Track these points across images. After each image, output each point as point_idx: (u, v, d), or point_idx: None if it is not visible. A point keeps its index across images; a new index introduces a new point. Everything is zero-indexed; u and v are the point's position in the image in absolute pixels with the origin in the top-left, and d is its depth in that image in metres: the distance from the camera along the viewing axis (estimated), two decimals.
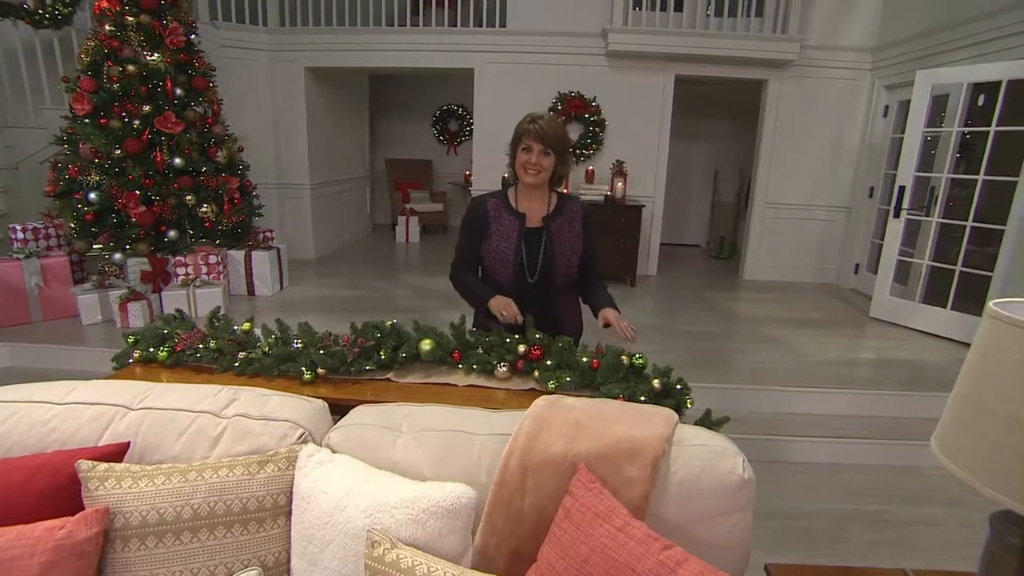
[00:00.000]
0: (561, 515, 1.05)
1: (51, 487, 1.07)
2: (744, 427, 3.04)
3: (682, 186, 7.58)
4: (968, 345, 3.13)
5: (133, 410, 1.29)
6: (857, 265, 5.40)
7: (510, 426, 1.23)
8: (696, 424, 1.51)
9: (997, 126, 3.65)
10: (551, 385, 1.56)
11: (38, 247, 3.85)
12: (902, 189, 4.19)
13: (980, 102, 3.77)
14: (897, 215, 4.25)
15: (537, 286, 1.83)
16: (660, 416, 1.24)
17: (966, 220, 3.85)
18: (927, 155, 4.22)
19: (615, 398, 1.48)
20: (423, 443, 1.22)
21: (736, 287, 5.52)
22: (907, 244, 4.42)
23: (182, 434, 1.24)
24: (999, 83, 3.61)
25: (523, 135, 1.75)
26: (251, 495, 1.10)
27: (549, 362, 1.62)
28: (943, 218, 4.06)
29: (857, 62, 5.21)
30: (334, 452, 1.19)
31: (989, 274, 3.74)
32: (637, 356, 1.60)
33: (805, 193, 5.55)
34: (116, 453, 1.16)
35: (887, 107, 5.04)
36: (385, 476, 1.09)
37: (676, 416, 1.28)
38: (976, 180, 3.79)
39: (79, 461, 1.09)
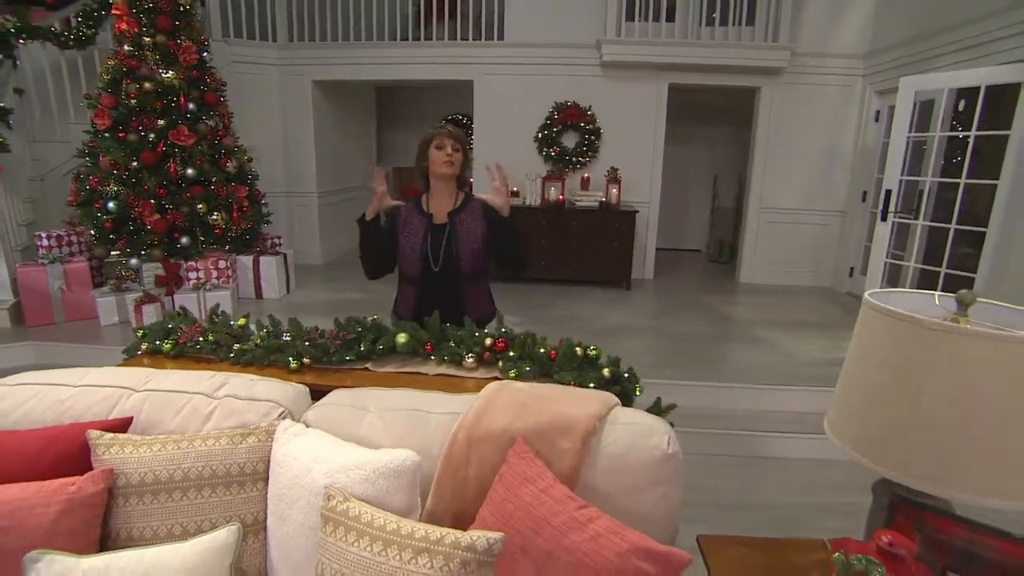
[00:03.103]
0: (496, 480, 1.21)
1: (65, 453, 1.25)
2: (727, 423, 3.17)
3: (682, 191, 7.70)
4: None
5: (138, 392, 1.47)
6: (852, 268, 5.47)
7: (464, 406, 1.39)
8: (647, 411, 1.65)
9: (977, 130, 3.74)
10: (512, 374, 1.72)
11: (61, 253, 4.11)
12: (888, 192, 4.28)
13: (960, 107, 3.86)
14: (884, 218, 4.34)
15: (441, 273, 2.06)
16: (597, 398, 1.39)
17: (951, 223, 3.93)
18: (916, 158, 4.30)
19: (566, 384, 1.62)
20: (386, 420, 1.38)
21: (731, 291, 5.62)
22: (898, 247, 4.50)
23: (179, 412, 1.42)
24: (978, 89, 3.70)
25: (434, 136, 2.02)
26: (234, 462, 1.27)
27: (512, 353, 1.78)
28: (930, 221, 4.15)
29: (849, 68, 5.31)
30: (308, 427, 1.37)
31: (973, 275, 3.81)
32: (591, 348, 1.74)
33: (800, 198, 5.65)
34: (121, 426, 1.35)
35: (878, 112, 5.13)
36: (347, 446, 1.26)
37: (614, 399, 1.43)
38: (959, 183, 3.87)
39: (89, 431, 1.27)
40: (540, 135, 5.71)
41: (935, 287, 4.07)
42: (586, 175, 5.66)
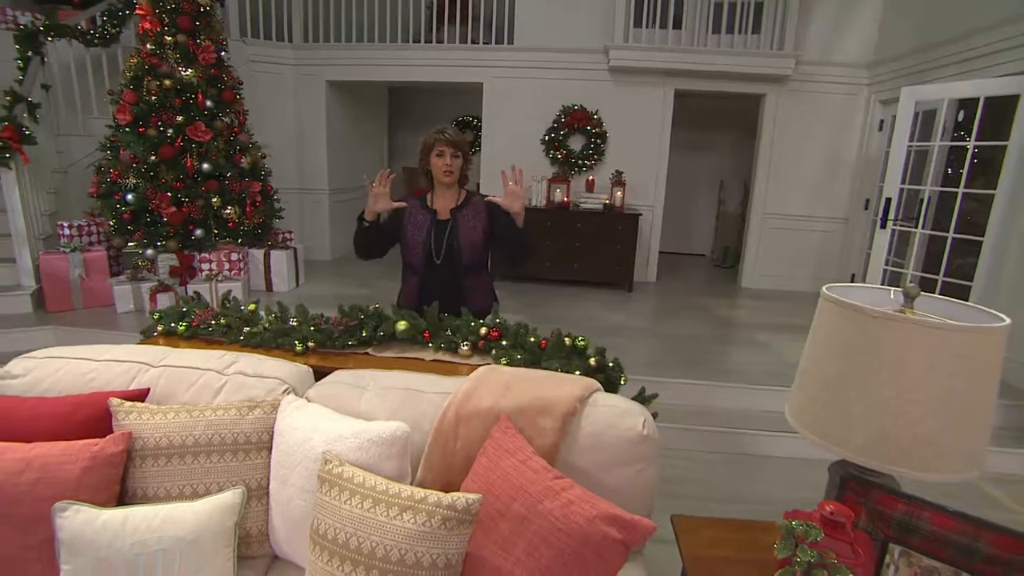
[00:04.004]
0: (480, 452, 1.31)
1: (89, 418, 1.37)
2: (718, 421, 3.25)
3: (688, 196, 7.77)
4: None
5: (154, 367, 1.59)
6: (853, 275, 5.51)
7: (455, 387, 1.49)
8: (632, 399, 1.74)
9: (976, 141, 3.79)
10: (503, 361, 1.82)
11: (81, 242, 4.26)
12: (888, 201, 4.33)
13: (960, 118, 3.91)
14: (884, 226, 4.39)
15: (443, 266, 2.16)
16: (578, 382, 1.49)
17: (949, 231, 3.98)
18: (918, 167, 4.35)
19: (554, 371, 1.72)
20: (383, 398, 1.49)
21: (733, 295, 5.68)
22: (899, 255, 4.54)
23: (192, 386, 1.54)
24: (977, 100, 3.75)
25: (435, 143, 2.10)
26: (240, 431, 1.38)
27: (505, 342, 1.88)
28: (930, 229, 4.19)
29: (854, 77, 5.37)
30: (309, 402, 1.47)
31: (970, 284, 3.86)
32: (579, 338, 1.84)
33: (803, 204, 5.70)
34: (139, 396, 1.46)
35: (882, 121, 5.18)
36: (345, 418, 1.36)
37: (595, 384, 1.53)
38: (957, 192, 3.92)
39: (111, 399, 1.39)
40: (547, 137, 5.81)
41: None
42: (591, 178, 5.75)
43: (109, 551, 1.16)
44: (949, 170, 4.27)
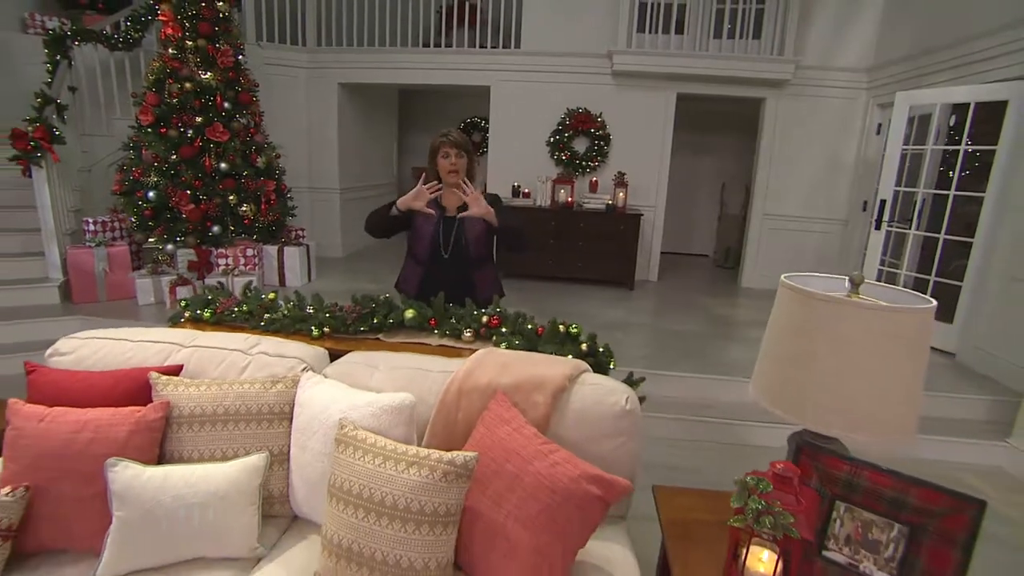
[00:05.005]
0: (479, 422, 1.47)
1: (132, 389, 1.54)
2: (712, 412, 3.39)
3: (691, 198, 7.89)
4: (940, 351, 3.55)
5: (186, 347, 1.76)
6: None
7: (458, 367, 1.65)
8: (623, 382, 1.88)
9: (967, 145, 3.90)
10: (503, 346, 1.97)
11: (105, 237, 4.47)
12: (883, 202, 4.45)
13: (951, 122, 4.02)
14: (878, 227, 4.51)
15: (451, 259, 2.31)
16: (569, 362, 1.65)
17: (941, 233, 4.09)
18: (914, 170, 4.46)
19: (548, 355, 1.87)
20: (392, 376, 1.65)
21: (732, 294, 5.80)
22: (894, 255, 4.65)
23: (220, 363, 1.71)
24: (968, 105, 3.86)
25: (440, 146, 2.25)
26: (264, 403, 1.55)
27: (504, 329, 2.03)
28: (924, 231, 4.30)
29: (853, 81, 5.48)
30: (327, 378, 1.64)
31: (960, 284, 3.97)
32: (573, 325, 1.99)
33: (802, 206, 5.82)
34: (174, 371, 1.63)
35: (880, 125, 5.29)
36: (358, 391, 1.52)
37: (584, 365, 1.68)
38: (948, 195, 4.03)
39: (151, 372, 1.56)
40: (552, 139, 5.96)
41: (926, 295, 4.21)
42: (595, 179, 5.90)
43: (153, 503, 1.33)
44: (950, 173, 4.36)
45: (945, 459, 3.09)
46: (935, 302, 1.12)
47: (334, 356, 1.86)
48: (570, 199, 5.77)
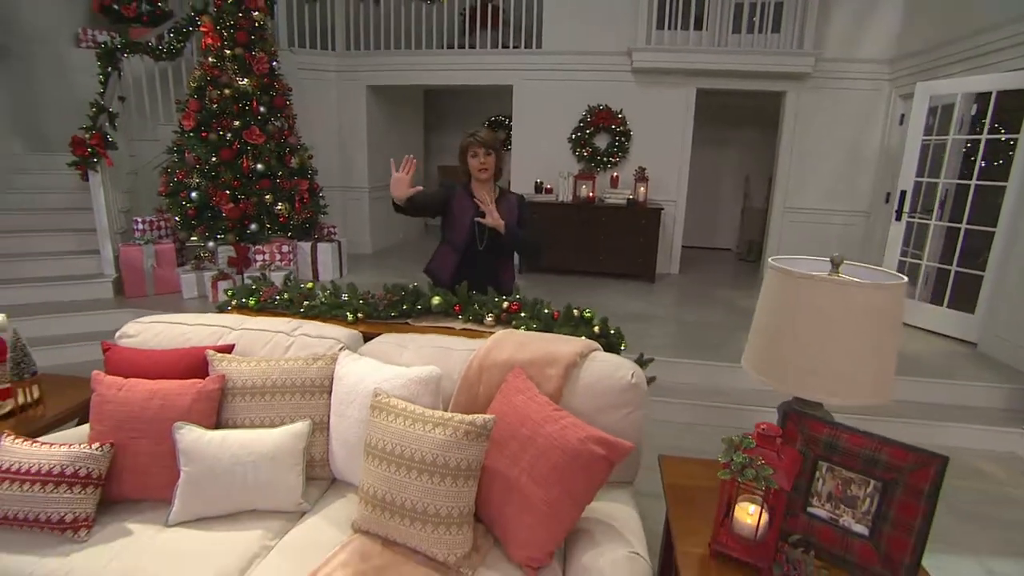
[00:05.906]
0: (498, 393, 1.63)
1: (191, 364, 1.75)
2: (723, 398, 3.49)
3: (714, 192, 7.91)
4: (962, 341, 3.63)
5: (235, 330, 1.97)
6: None
7: (479, 346, 1.82)
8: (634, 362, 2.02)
9: (988, 134, 3.89)
10: (522, 328, 2.13)
11: (153, 236, 4.78)
12: (903, 193, 4.45)
13: (972, 111, 4.01)
14: (899, 218, 4.51)
15: (486, 250, 2.48)
16: (580, 342, 1.79)
17: (963, 223, 4.08)
18: (936, 160, 4.44)
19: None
20: (420, 354, 1.83)
21: (752, 286, 5.84)
22: (917, 246, 4.63)
23: (266, 344, 1.91)
24: (990, 94, 3.85)
25: (469, 146, 2.39)
26: (307, 377, 1.74)
27: (523, 314, 2.19)
28: (947, 221, 4.29)
29: (875, 73, 5.45)
30: (362, 356, 1.82)
31: (982, 273, 3.96)
32: (587, 310, 2.13)
33: (824, 198, 5.81)
34: (227, 350, 1.84)
35: (903, 116, 5.25)
36: (390, 366, 1.70)
37: (595, 344, 1.83)
38: (970, 184, 4.03)
39: (208, 350, 1.77)
40: (573, 136, 6.09)
41: (947, 285, 4.21)
42: (615, 174, 6.00)
43: (213, 461, 1.53)
44: (977, 162, 4.34)
45: (966, 446, 3.12)
46: (905, 279, 1.23)
47: (367, 338, 2.04)
48: (591, 194, 5.89)
